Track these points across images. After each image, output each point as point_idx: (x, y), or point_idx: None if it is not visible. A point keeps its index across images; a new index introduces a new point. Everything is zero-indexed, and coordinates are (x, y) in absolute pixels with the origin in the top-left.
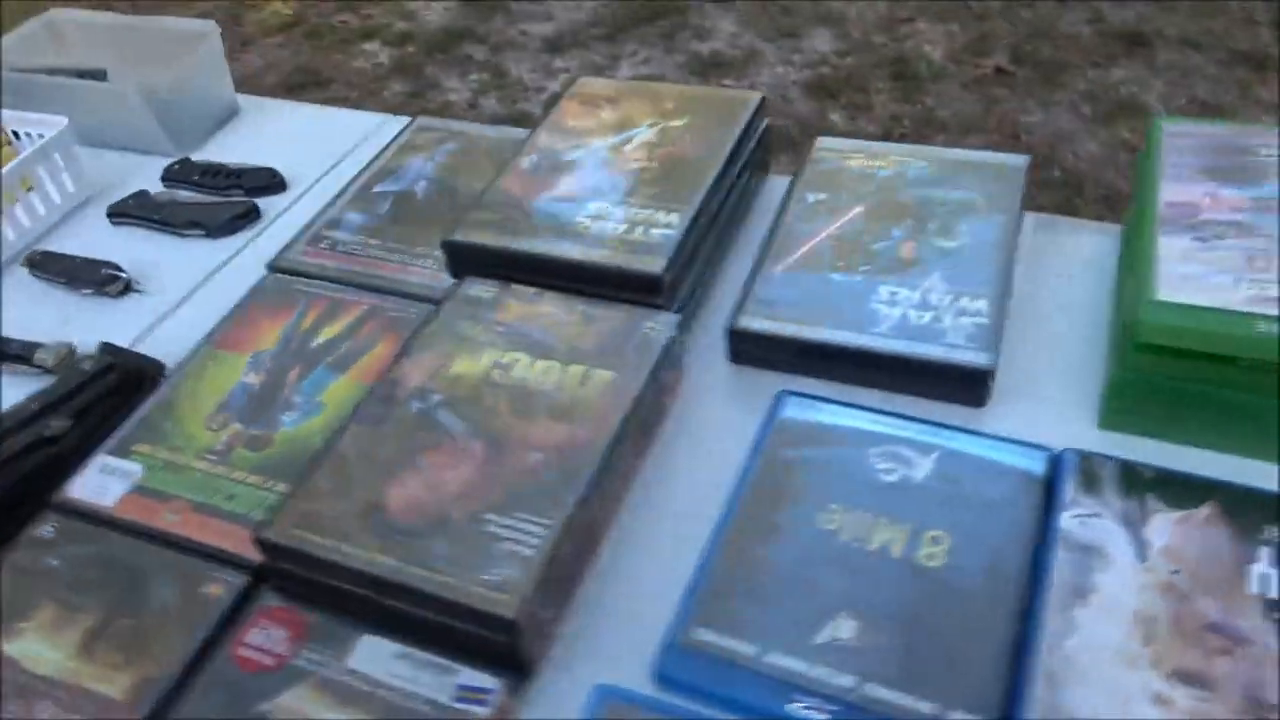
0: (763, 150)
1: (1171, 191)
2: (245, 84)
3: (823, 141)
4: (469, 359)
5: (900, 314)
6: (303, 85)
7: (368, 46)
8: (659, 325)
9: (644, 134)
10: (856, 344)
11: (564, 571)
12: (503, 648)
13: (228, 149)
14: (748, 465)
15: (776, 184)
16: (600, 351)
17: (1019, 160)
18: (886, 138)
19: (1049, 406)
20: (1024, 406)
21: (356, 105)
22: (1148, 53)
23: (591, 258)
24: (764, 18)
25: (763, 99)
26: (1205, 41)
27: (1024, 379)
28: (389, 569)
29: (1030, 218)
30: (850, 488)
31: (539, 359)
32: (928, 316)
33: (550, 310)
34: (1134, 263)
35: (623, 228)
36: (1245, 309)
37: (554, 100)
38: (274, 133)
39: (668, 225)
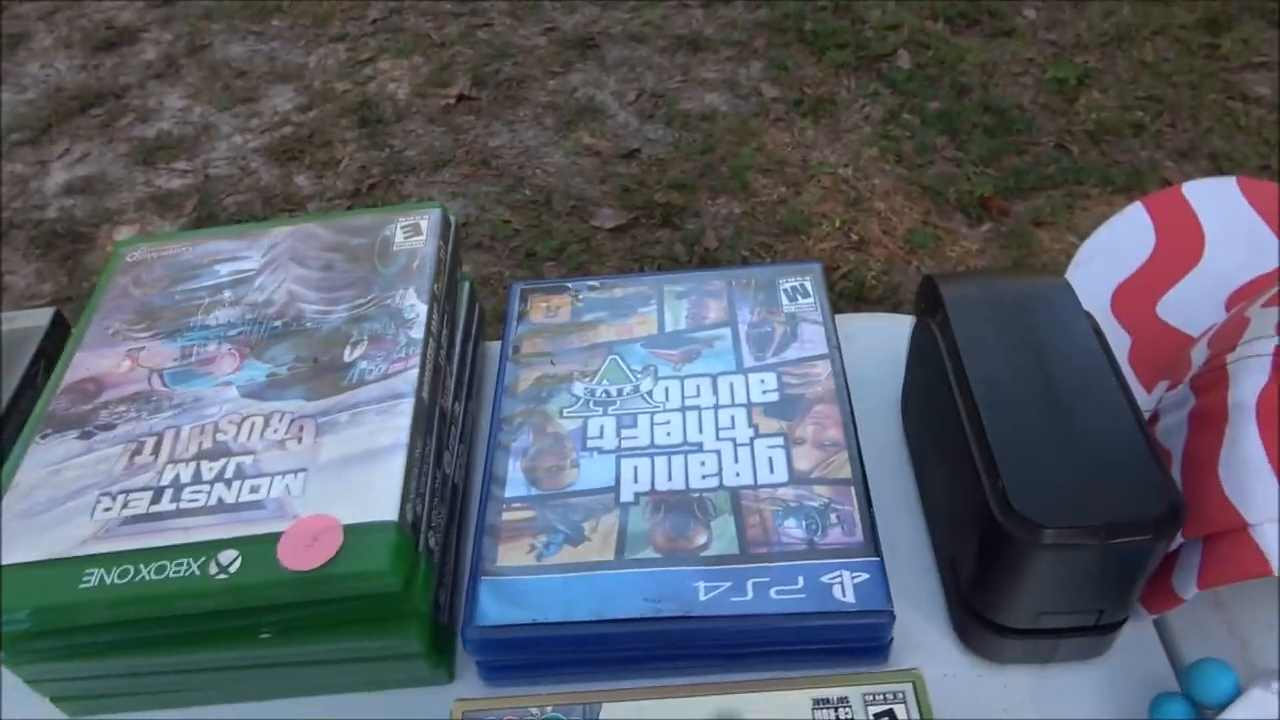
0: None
1: (84, 361)
2: None
3: None
4: None
5: None
6: None
7: None
8: None
9: None
10: None
11: None
12: None
13: None
14: None
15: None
16: None
17: None
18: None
19: None
20: None
21: None
22: (598, 53)
23: None
24: (215, 85)
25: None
26: (648, 33)
27: None
28: None
29: None
30: None
31: None
32: None
33: None
34: None
35: None
36: (82, 551)
37: None
38: None
39: None
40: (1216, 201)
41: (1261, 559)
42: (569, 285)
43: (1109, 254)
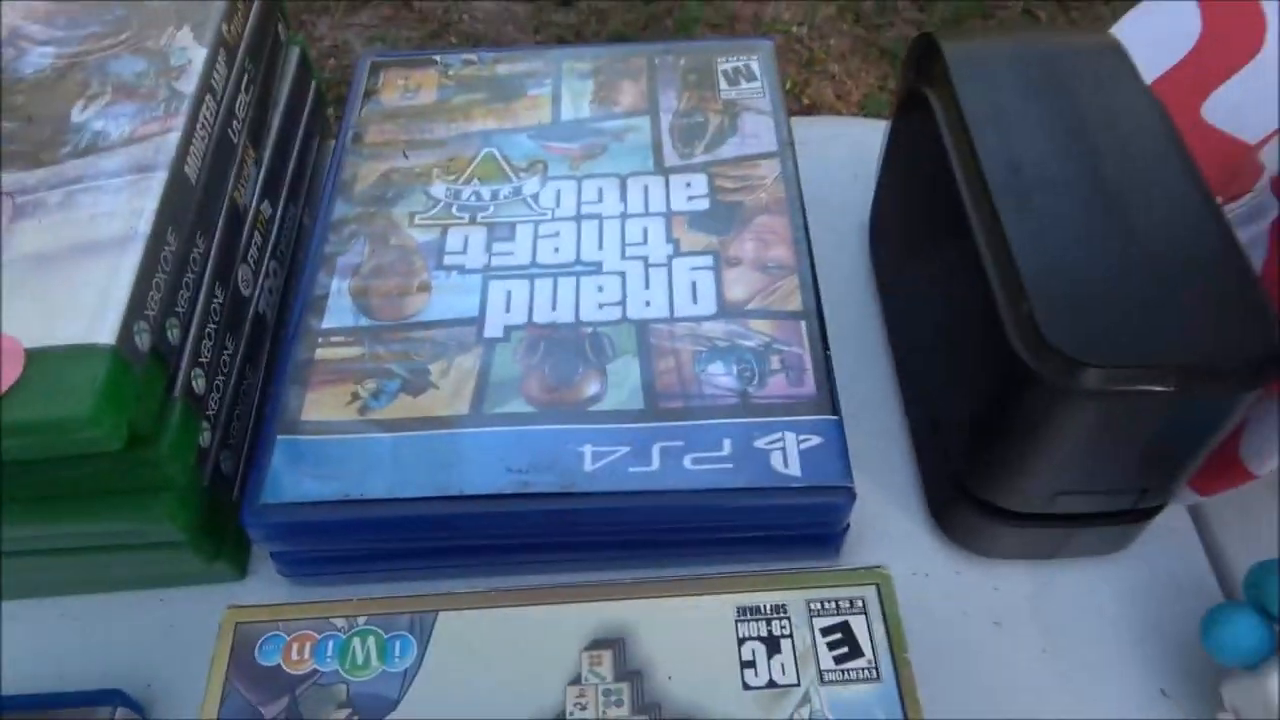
0: None
1: None
2: None
3: None
4: None
5: None
6: None
7: None
8: None
9: None
10: None
11: None
12: None
13: None
14: None
15: None
16: None
17: None
18: None
19: None
20: None
21: None
22: None
23: None
24: None
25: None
26: None
27: None
28: None
29: None
30: None
31: None
32: None
33: None
34: None
35: None
36: None
37: None
38: None
39: None
40: None
41: None
42: (436, 58)
43: (1141, 44)
